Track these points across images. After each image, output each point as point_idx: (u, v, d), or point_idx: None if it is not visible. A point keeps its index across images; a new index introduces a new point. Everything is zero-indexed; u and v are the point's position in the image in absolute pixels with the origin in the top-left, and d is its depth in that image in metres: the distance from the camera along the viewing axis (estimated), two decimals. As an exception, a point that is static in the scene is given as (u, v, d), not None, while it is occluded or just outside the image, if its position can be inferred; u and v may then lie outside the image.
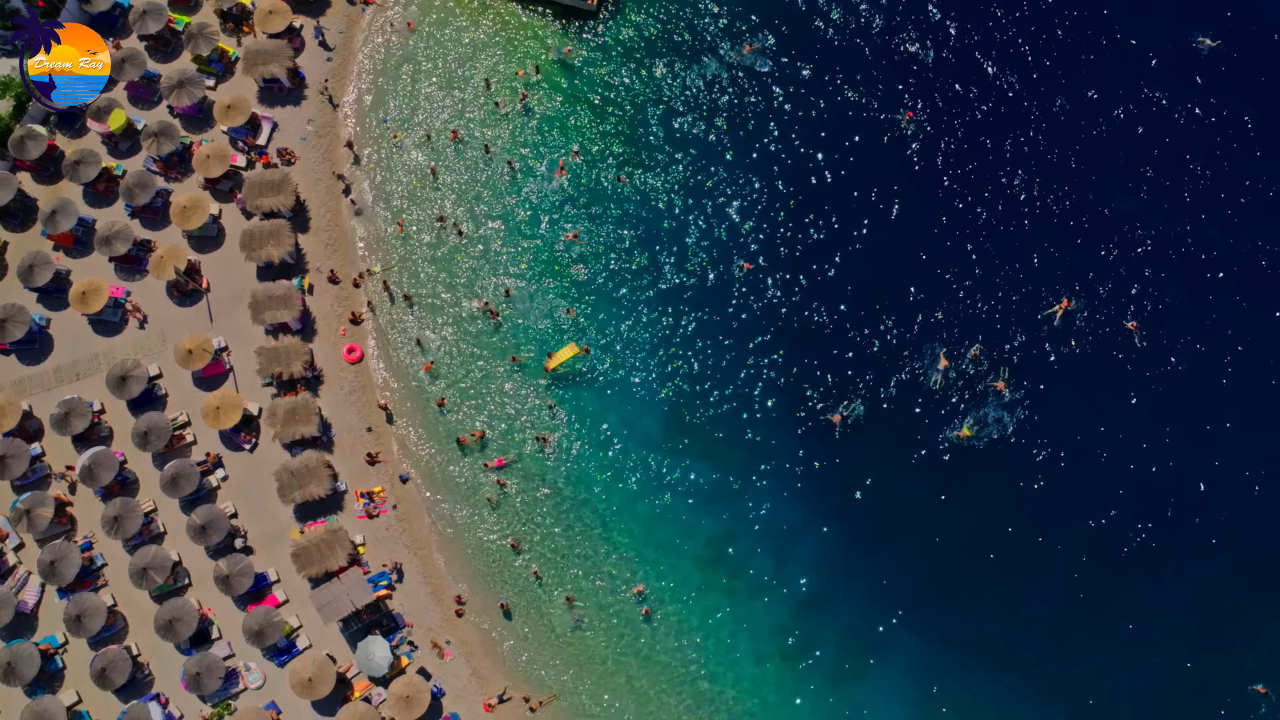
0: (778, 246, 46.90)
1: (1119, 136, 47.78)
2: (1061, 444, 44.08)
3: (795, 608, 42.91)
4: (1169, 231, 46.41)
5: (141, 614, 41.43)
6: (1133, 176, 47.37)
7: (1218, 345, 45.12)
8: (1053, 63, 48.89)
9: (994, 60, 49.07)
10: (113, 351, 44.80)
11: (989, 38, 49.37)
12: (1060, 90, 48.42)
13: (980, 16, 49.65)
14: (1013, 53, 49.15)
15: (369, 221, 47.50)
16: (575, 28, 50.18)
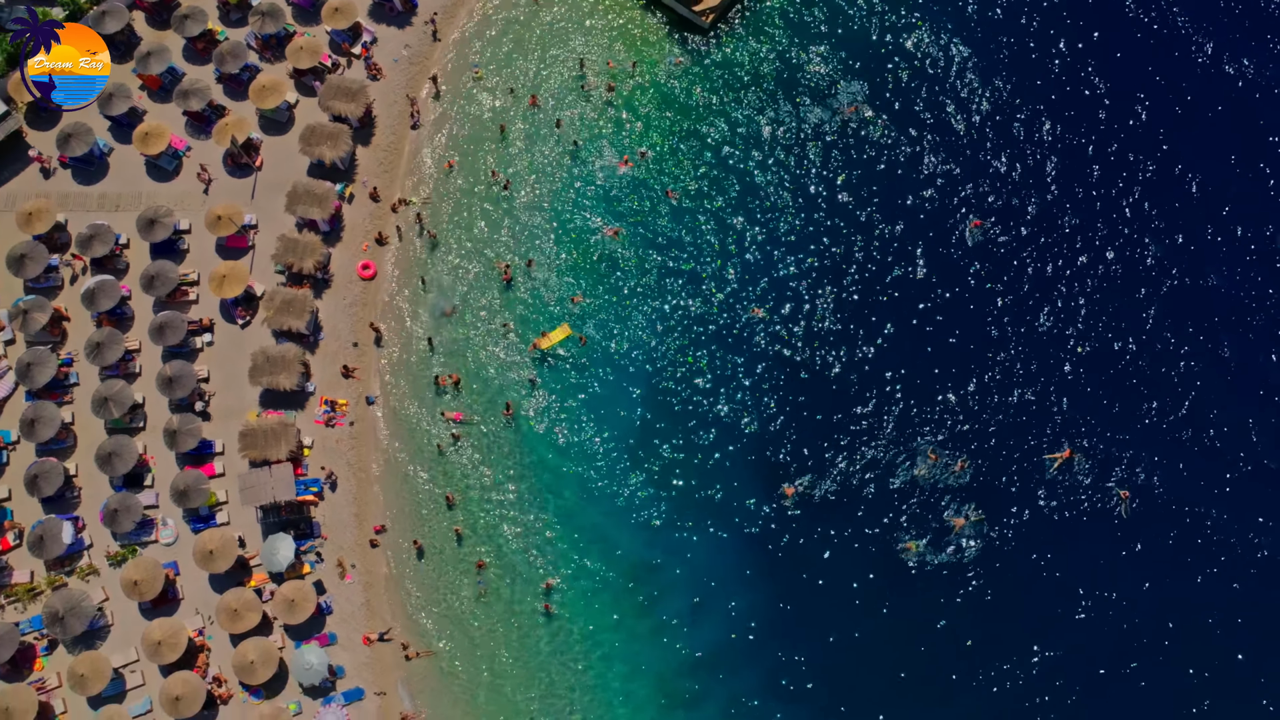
0: (800, 305, 46.46)
1: (1191, 312, 46.16)
2: (1007, 589, 42.42)
3: (690, 663, 41.81)
4: (1201, 432, 44.42)
5: (91, 441, 42.88)
6: (1203, 361, 45.62)
7: (1203, 550, 42.95)
8: (1146, 227, 47.72)
9: (1089, 211, 47.99)
10: (155, 196, 46.77)
11: (1091, 186, 48.40)
12: (1146, 240, 47.06)
13: (1087, 163, 48.71)
14: (1107, 207, 48.08)
15: (425, 154, 48.66)
16: (685, 40, 50.74)
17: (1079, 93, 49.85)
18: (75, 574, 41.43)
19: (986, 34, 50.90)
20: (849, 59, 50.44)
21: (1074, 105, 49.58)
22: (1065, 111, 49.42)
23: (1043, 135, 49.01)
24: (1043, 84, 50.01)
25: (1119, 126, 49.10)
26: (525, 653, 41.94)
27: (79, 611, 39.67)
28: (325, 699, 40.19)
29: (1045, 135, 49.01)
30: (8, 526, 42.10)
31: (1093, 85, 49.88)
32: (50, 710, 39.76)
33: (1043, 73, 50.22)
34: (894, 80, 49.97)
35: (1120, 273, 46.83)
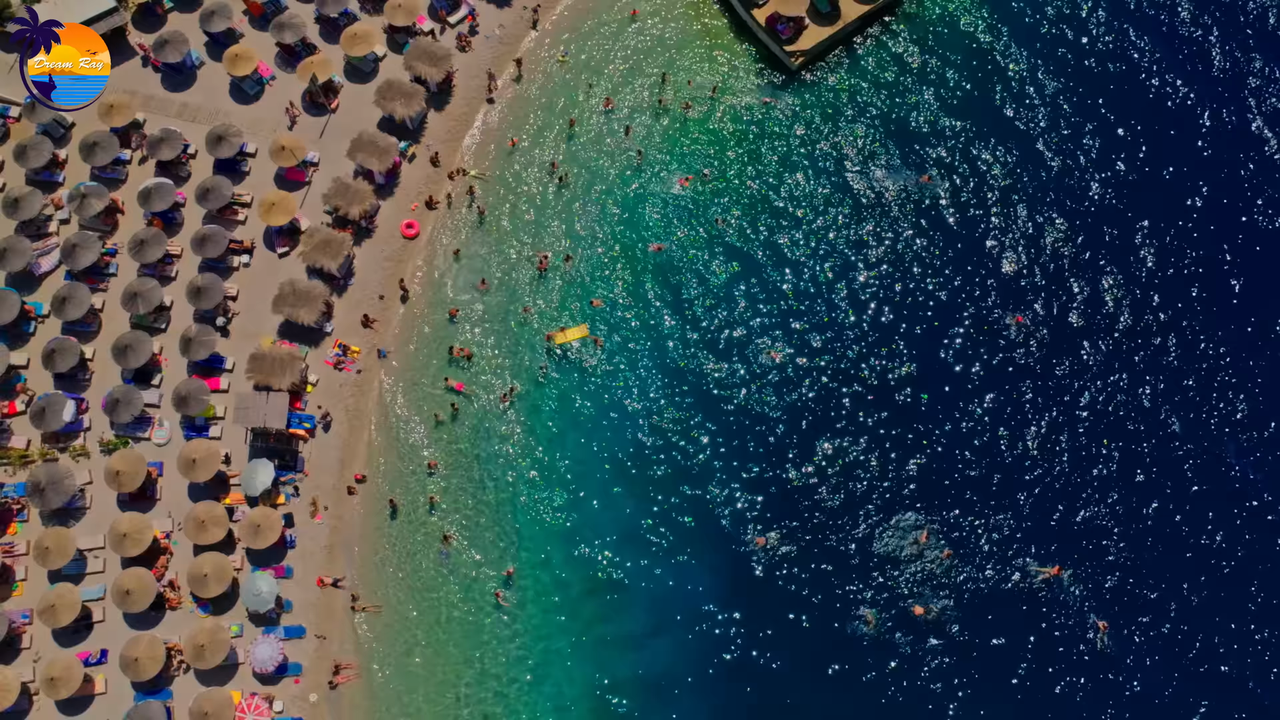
0: (819, 359, 45.97)
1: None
2: (958, 690, 41.27)
3: (627, 682, 41.24)
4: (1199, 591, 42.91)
5: (114, 331, 44.31)
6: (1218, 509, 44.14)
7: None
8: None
9: (1140, 337, 46.88)
10: (231, 115, 48.38)
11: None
12: (1188, 380, 45.82)
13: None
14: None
15: (493, 132, 49.54)
16: (771, 78, 50.93)
17: (1177, 219, 48.69)
18: (67, 452, 42.77)
19: (1086, 137, 50.22)
20: (933, 128, 50.08)
21: (1166, 233, 48.34)
22: (1153, 237, 48.18)
23: (1120, 255, 47.84)
24: (1142, 203, 48.93)
25: (1217, 261, 47.75)
26: (469, 633, 41.98)
27: (60, 488, 40.91)
28: (267, 628, 40.77)
29: (1122, 255, 47.84)
30: (19, 390, 43.71)
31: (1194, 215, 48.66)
32: (11, 574, 41.07)
33: (1150, 191, 49.18)
34: (973, 163, 49.36)
35: (1158, 409, 45.45)
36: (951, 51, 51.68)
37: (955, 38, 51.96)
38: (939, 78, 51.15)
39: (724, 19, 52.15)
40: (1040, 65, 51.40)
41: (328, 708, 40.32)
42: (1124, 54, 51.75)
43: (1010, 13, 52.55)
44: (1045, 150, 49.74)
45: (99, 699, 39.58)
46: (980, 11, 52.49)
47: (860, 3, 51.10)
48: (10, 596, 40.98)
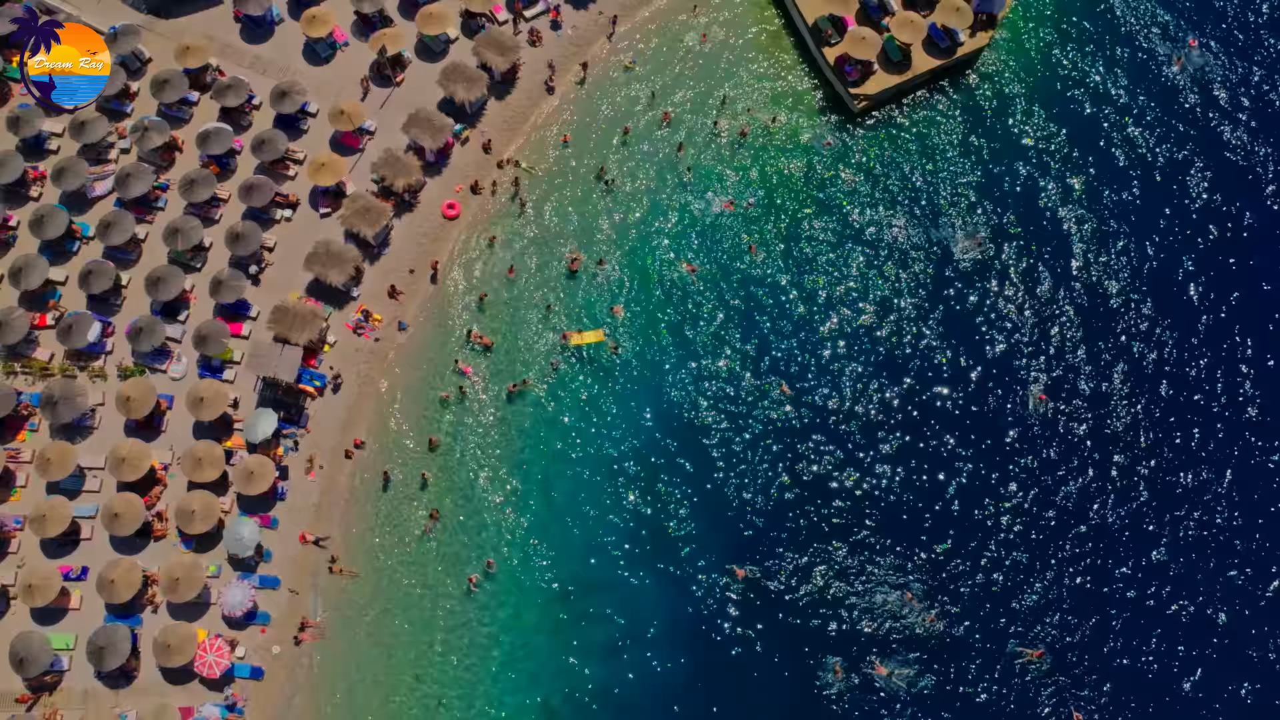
0: (829, 402, 45.53)
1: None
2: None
3: (584, 693, 41.01)
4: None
5: (151, 263, 45.50)
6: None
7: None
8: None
9: (1165, 441, 45.84)
10: (300, 74, 49.60)
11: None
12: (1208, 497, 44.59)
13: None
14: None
15: (549, 128, 50.11)
16: (832, 117, 50.86)
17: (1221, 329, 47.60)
18: (86, 371, 43.91)
19: (1151, 221, 49.37)
20: (991, 193, 49.50)
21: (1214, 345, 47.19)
22: (1201, 348, 47.05)
23: (1159, 353, 46.83)
24: (1182, 305, 47.90)
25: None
26: (439, 613, 41.96)
27: (72, 404, 41.99)
28: (243, 574, 41.28)
29: (1162, 353, 46.82)
30: (51, 305, 45.03)
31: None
32: (13, 479, 42.14)
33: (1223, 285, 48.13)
34: (1029, 234, 48.63)
35: (1161, 515, 44.29)
36: (1021, 118, 51.24)
37: (1026, 105, 51.47)
38: (1004, 142, 50.63)
39: (794, 53, 52.29)
40: (1112, 146, 50.66)
41: (287, 662, 40.62)
42: (1205, 134, 50.72)
43: (1088, 89, 51.91)
44: (1105, 231, 48.78)
45: (72, 614, 40.34)
46: (1055, 83, 51.94)
47: (932, 56, 50.74)
48: (8, 500, 42.01)
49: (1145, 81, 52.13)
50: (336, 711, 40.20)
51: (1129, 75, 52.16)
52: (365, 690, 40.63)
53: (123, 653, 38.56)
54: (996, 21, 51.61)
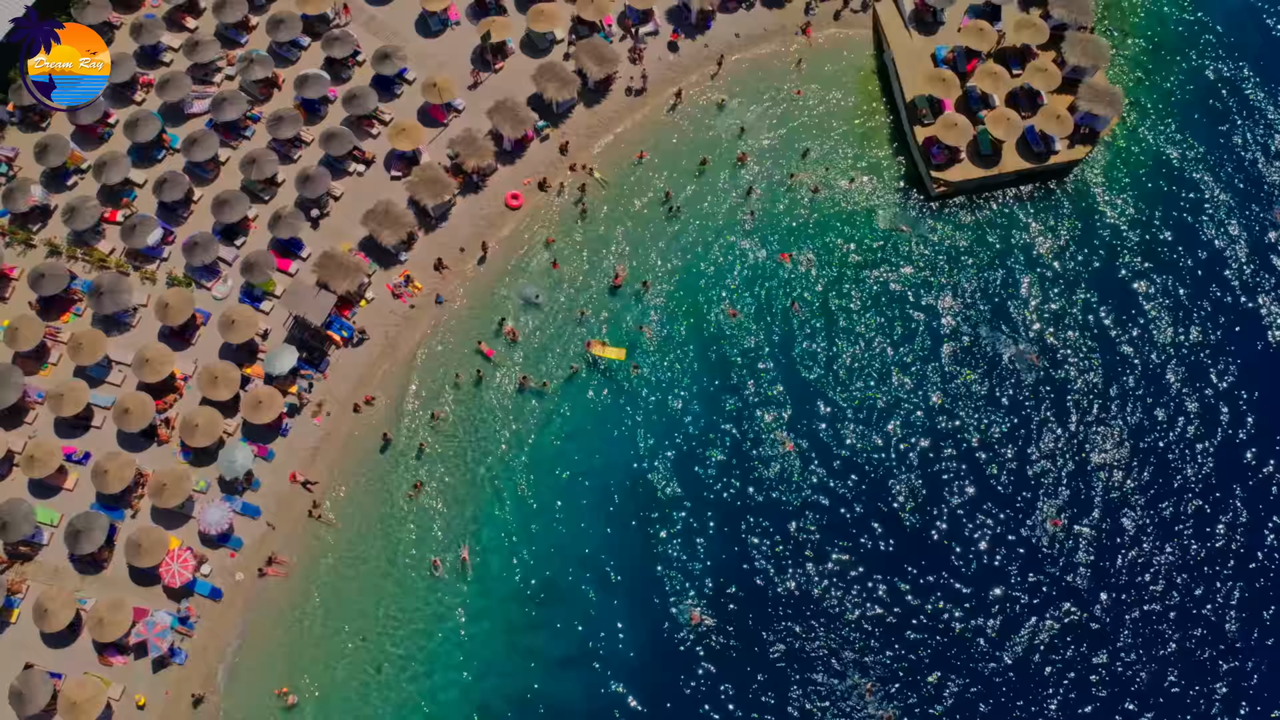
0: (832, 464, 44.66)
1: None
2: None
3: (526, 699, 40.90)
4: None
5: (225, 184, 47.55)
6: None
7: None
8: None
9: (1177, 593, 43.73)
10: (408, 41, 51.52)
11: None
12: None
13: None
14: None
15: (628, 143, 50.80)
16: (909, 195, 50.39)
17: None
18: (139, 272, 45.92)
19: (1218, 368, 47.53)
20: (1058, 311, 48.06)
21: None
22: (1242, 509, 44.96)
23: (1192, 508, 44.91)
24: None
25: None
26: (396, 583, 42.03)
27: (117, 299, 43.92)
28: (228, 496, 42.39)
29: (1195, 510, 44.87)
30: (124, 203, 47.30)
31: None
32: (47, 355, 44.19)
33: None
34: (1082, 363, 47.16)
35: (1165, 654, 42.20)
36: (1102, 244, 49.70)
37: (1111, 232, 50.02)
38: (1080, 264, 49.22)
39: (886, 125, 52.11)
40: (1195, 294, 48.69)
41: (247, 591, 41.43)
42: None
43: (1178, 228, 50.15)
44: (1161, 376, 46.91)
45: (64, 493, 41.94)
46: (1145, 215, 50.41)
47: (1024, 158, 49.95)
48: (37, 374, 44.01)
49: (1241, 233, 50.30)
50: (279, 650, 40.75)
51: (1224, 222, 50.44)
52: (312, 636, 41.13)
53: (97, 541, 39.90)
54: (1097, 138, 50.58)
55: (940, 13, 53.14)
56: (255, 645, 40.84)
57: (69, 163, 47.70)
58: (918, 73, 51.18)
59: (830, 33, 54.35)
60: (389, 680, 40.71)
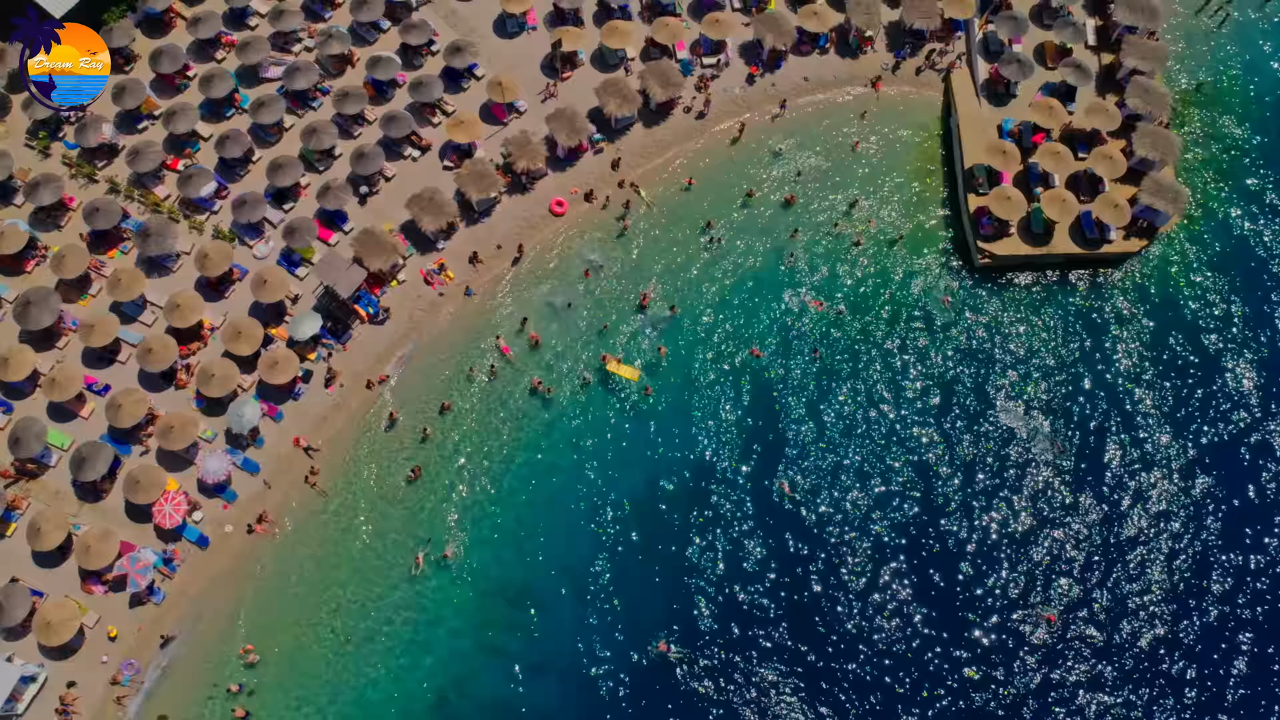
0: (827, 510, 43.95)
1: None
2: None
3: (486, 701, 40.87)
4: None
5: (284, 149, 48.99)
6: None
7: None
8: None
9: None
10: (484, 39, 52.67)
11: None
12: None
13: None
14: None
15: (679, 169, 51.10)
16: (951, 262, 49.72)
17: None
18: (189, 220, 47.41)
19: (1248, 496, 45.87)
20: (1085, 403, 46.73)
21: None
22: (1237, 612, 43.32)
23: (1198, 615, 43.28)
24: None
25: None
26: (377, 561, 42.43)
27: (163, 243, 45.38)
28: (232, 449, 43.30)
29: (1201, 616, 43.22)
30: (187, 153, 48.95)
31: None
32: (88, 284, 45.77)
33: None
34: (1109, 460, 45.67)
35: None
36: (1144, 343, 48.21)
37: (1156, 333, 48.45)
38: (1119, 360, 47.79)
39: (940, 188, 51.62)
40: (1236, 410, 46.85)
41: (232, 544, 42.18)
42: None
43: (1227, 338, 48.43)
44: (1192, 491, 45.20)
45: (79, 420, 43.27)
46: (1193, 319, 48.80)
47: (1075, 242, 49.01)
48: (76, 303, 45.59)
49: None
50: (253, 607, 41.36)
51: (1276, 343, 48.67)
52: (286, 599, 41.69)
53: (99, 470, 41.02)
54: (1156, 234, 49.42)
55: (1014, 85, 52.56)
56: (231, 599, 41.49)
57: (143, 107, 49.54)
58: (980, 141, 50.66)
59: (901, 90, 54.11)
60: (354, 654, 41.03)
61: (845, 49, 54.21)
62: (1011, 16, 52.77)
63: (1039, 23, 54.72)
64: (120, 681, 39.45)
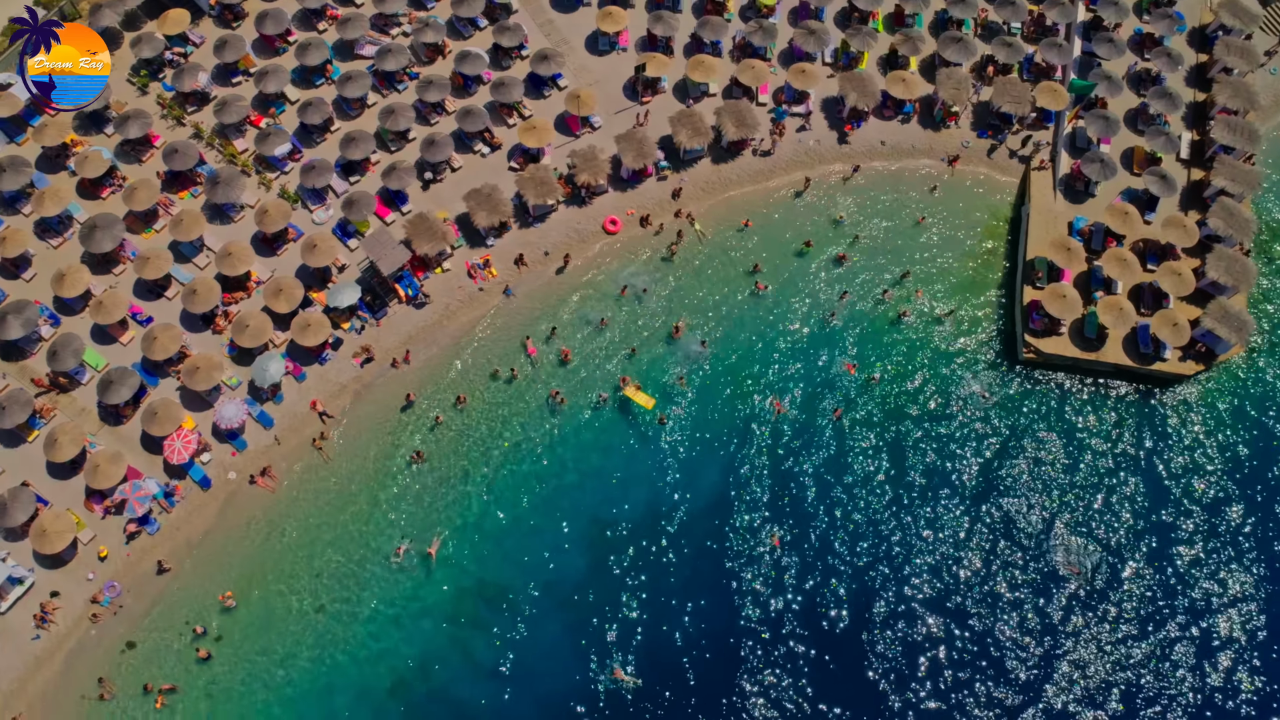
0: (809, 578, 43.00)
1: None
2: None
3: (443, 695, 40.94)
4: None
5: (362, 125, 50.63)
6: None
7: None
8: None
9: None
10: (572, 51, 53.92)
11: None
12: None
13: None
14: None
15: (739, 210, 51.04)
16: (997, 354, 48.53)
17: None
18: (259, 176, 49.21)
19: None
20: (1115, 525, 44.86)
21: None
22: None
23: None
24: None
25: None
26: (370, 535, 43.06)
27: (230, 193, 47.20)
28: (250, 400, 44.49)
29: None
30: (270, 113, 50.86)
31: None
32: (154, 219, 47.77)
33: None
34: (1134, 590, 43.70)
35: None
36: (1186, 471, 46.15)
37: (1199, 463, 46.32)
38: (1158, 486, 45.70)
39: (997, 275, 50.51)
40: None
41: (233, 492, 43.24)
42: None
43: (1273, 482, 46.33)
44: (1217, 633, 43.04)
45: (117, 345, 45.09)
46: (1242, 457, 46.55)
47: (1128, 354, 47.42)
48: (140, 235, 47.60)
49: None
50: (240, 555, 42.23)
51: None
52: (273, 555, 42.47)
53: (123, 396, 42.54)
54: (1214, 361, 47.52)
55: (1093, 185, 51.36)
56: (220, 543, 42.45)
57: (241, 63, 51.73)
58: (1047, 234, 49.58)
59: (977, 169, 53.31)
60: (325, 621, 41.54)
61: (928, 120, 53.69)
62: (1104, 116, 51.61)
63: (1133, 127, 53.45)
64: (100, 601, 40.61)
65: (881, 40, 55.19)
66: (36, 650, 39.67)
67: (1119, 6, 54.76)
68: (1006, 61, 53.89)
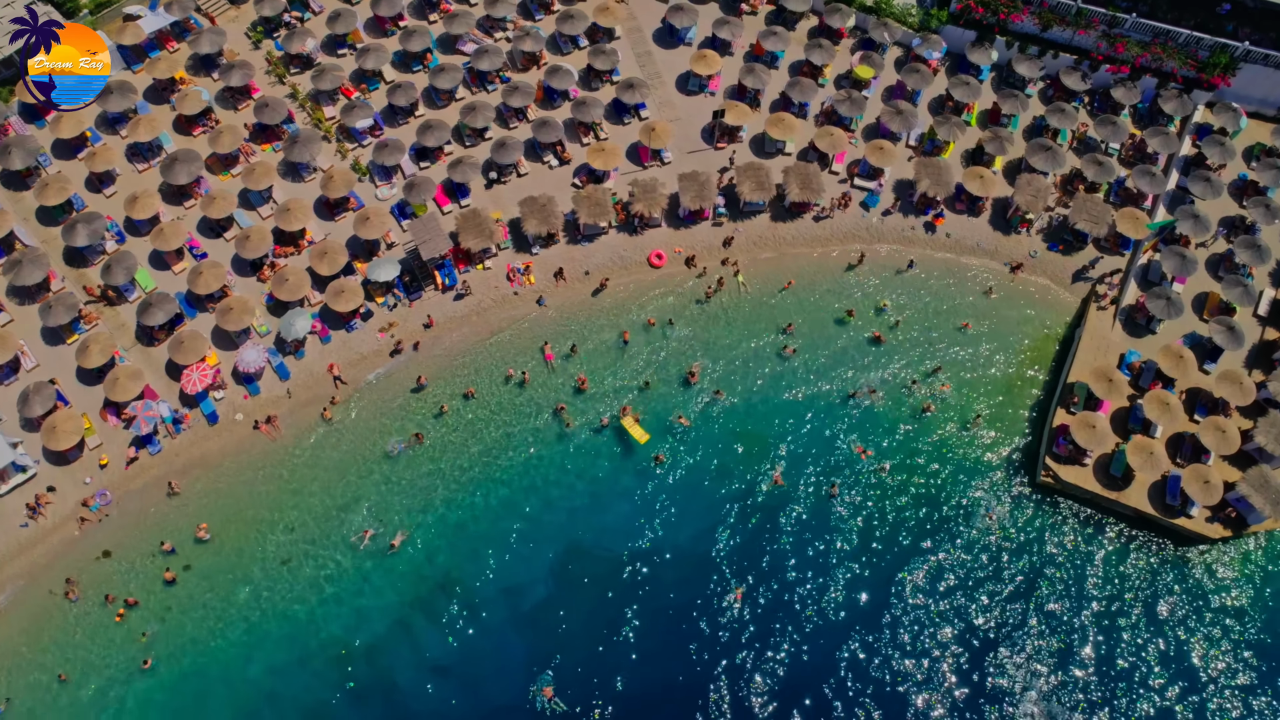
0: (776, 651, 41.96)
1: None
2: None
3: (396, 683, 41.31)
4: None
5: (445, 117, 52.62)
6: None
7: None
8: None
9: None
10: (661, 86, 55.19)
11: None
12: None
13: None
14: None
15: (784, 265, 50.84)
16: (1018, 471, 46.76)
17: None
18: (338, 145, 51.64)
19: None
20: (1115, 685, 42.43)
21: None
22: None
23: None
24: None
25: None
26: (341, 513, 43.92)
27: (306, 152, 49.73)
28: (273, 350, 46.26)
29: None
30: (363, 88, 53.38)
31: None
32: (233, 163, 50.56)
33: None
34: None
35: None
36: (1198, 637, 43.38)
37: (1215, 631, 43.52)
38: (1165, 648, 43.00)
39: (1034, 391, 48.75)
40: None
41: (236, 432, 44.97)
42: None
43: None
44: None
45: (168, 272, 47.67)
46: (1262, 635, 43.51)
47: (1152, 502, 45.12)
48: (218, 176, 50.30)
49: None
50: (224, 492, 43.78)
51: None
52: (255, 499, 43.87)
53: (159, 320, 44.96)
54: (1244, 529, 44.81)
55: (1155, 322, 49.33)
56: (211, 477, 44.08)
57: (350, 37, 54.39)
58: (1094, 362, 47.76)
59: (1039, 281, 51.80)
60: (288, 575, 42.59)
61: (1000, 222, 52.57)
62: (1181, 254, 49.60)
63: (1213, 272, 51.22)
64: (90, 506, 42.58)
65: (970, 134, 54.41)
66: (21, 537, 41.80)
67: (1225, 148, 52.70)
68: (1095, 180, 52.41)
